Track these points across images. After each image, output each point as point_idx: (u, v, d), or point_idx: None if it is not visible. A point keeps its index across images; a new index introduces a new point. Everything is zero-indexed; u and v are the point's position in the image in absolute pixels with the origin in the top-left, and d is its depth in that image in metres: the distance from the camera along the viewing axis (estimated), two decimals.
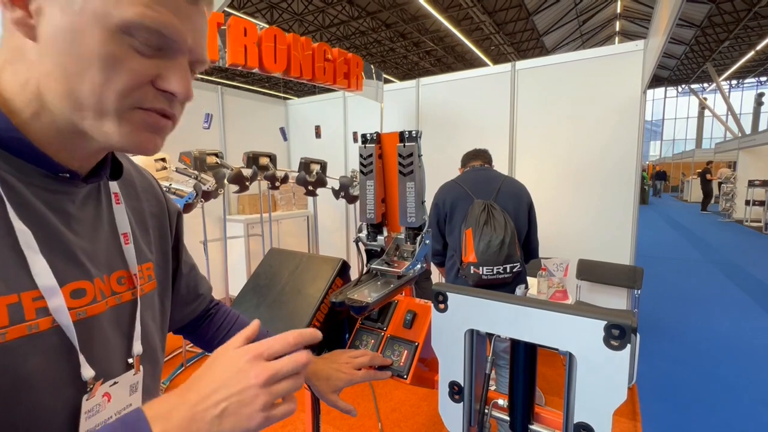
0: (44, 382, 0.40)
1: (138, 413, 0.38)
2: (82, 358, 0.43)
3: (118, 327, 0.50)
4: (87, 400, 0.43)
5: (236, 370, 0.40)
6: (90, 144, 0.43)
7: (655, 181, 20.62)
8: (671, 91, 27.08)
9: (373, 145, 0.85)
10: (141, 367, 0.52)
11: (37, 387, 0.39)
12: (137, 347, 0.51)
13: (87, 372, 0.43)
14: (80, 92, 0.38)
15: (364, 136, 0.87)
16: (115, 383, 0.47)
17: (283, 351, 0.43)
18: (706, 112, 22.75)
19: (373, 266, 0.84)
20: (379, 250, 0.89)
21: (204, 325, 0.75)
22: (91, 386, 0.44)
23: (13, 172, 0.40)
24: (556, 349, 0.62)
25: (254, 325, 0.47)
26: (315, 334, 0.47)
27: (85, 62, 0.38)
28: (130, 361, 0.50)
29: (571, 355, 0.61)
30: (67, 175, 0.44)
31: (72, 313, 0.42)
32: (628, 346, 0.57)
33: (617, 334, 0.57)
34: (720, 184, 12.22)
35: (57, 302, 0.41)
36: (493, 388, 2.44)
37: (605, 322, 0.57)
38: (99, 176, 0.48)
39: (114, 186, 0.53)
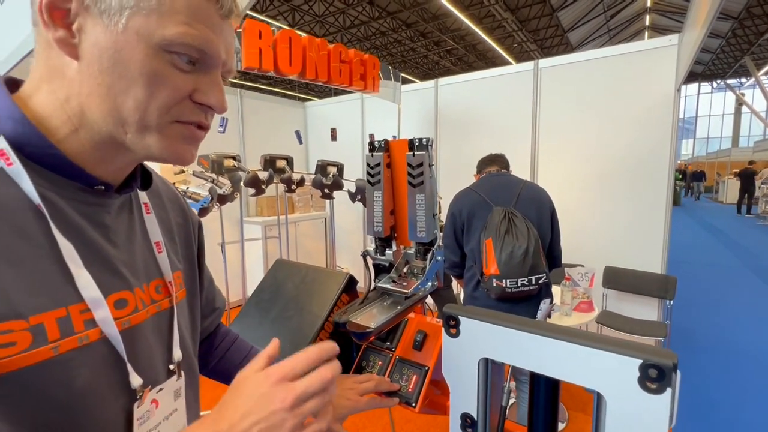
0: (98, 393, 0.41)
1: None
2: (129, 367, 0.44)
3: (159, 334, 0.51)
4: (138, 407, 0.45)
5: (261, 395, 0.40)
6: (126, 156, 0.45)
7: (692, 183, 19.39)
8: (705, 86, 25.79)
9: (381, 153, 0.79)
10: (182, 373, 0.53)
11: (93, 398, 0.41)
12: (177, 353, 0.53)
13: (135, 380, 0.45)
14: (124, 109, 0.40)
15: (371, 144, 0.81)
16: (161, 389, 0.49)
17: (307, 369, 0.42)
18: (744, 109, 21.59)
19: (379, 285, 0.78)
20: (387, 264, 0.83)
21: (204, 342, 0.72)
22: (140, 393, 0.46)
23: (52, 188, 0.41)
24: (583, 387, 0.55)
25: (274, 344, 0.46)
26: (334, 347, 0.46)
27: (129, 80, 0.39)
28: (171, 367, 0.52)
29: (599, 395, 0.54)
30: (102, 187, 0.45)
31: (117, 323, 0.43)
32: (669, 389, 0.49)
33: (655, 376, 0.49)
34: (761, 185, 11.48)
35: (103, 313, 0.42)
36: (513, 401, 2.34)
37: (641, 361, 0.50)
38: (131, 187, 0.50)
39: (143, 196, 0.54)
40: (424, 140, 0.75)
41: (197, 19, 0.40)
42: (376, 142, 0.81)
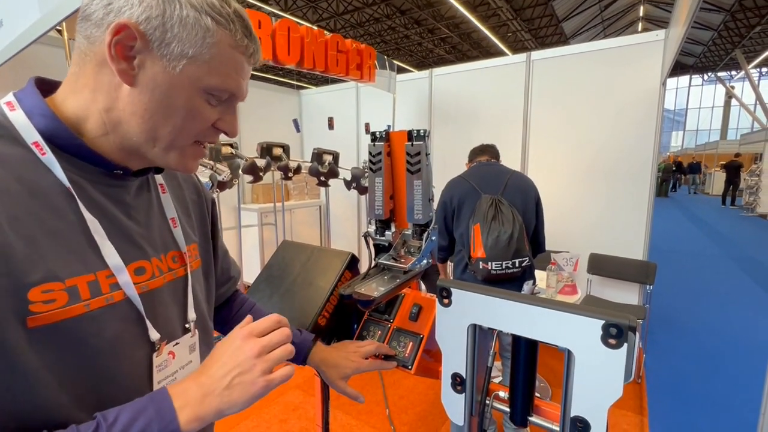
0: (124, 343, 0.50)
1: (163, 391, 0.46)
2: (148, 323, 0.53)
3: (175, 298, 0.59)
4: (156, 357, 0.54)
5: (234, 348, 0.50)
6: (143, 161, 0.53)
7: (689, 175, 18.89)
8: (696, 79, 26.04)
9: (382, 143, 0.87)
10: (196, 331, 0.62)
11: (120, 347, 0.49)
12: (191, 314, 0.61)
13: (153, 334, 0.53)
14: (160, 131, 0.49)
15: (373, 133, 0.89)
16: (177, 344, 0.58)
17: (270, 328, 0.52)
18: (733, 102, 21.88)
19: (380, 261, 0.87)
20: (387, 244, 0.92)
21: (225, 308, 0.81)
22: (158, 346, 0.54)
23: (78, 172, 0.49)
24: (556, 346, 0.64)
25: (247, 319, 0.55)
26: (284, 319, 0.56)
27: (173, 111, 0.48)
28: (187, 325, 0.61)
29: (569, 352, 0.63)
30: (120, 171, 0.53)
31: (137, 287, 0.51)
32: (625, 344, 0.58)
33: (614, 333, 0.58)
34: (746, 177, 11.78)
35: (124, 278, 0.50)
36: (499, 380, 2.46)
37: (603, 321, 0.59)
38: (146, 171, 0.57)
39: (159, 178, 0.62)
40: (422, 131, 0.83)
41: (235, 70, 0.50)
42: (378, 133, 0.88)
